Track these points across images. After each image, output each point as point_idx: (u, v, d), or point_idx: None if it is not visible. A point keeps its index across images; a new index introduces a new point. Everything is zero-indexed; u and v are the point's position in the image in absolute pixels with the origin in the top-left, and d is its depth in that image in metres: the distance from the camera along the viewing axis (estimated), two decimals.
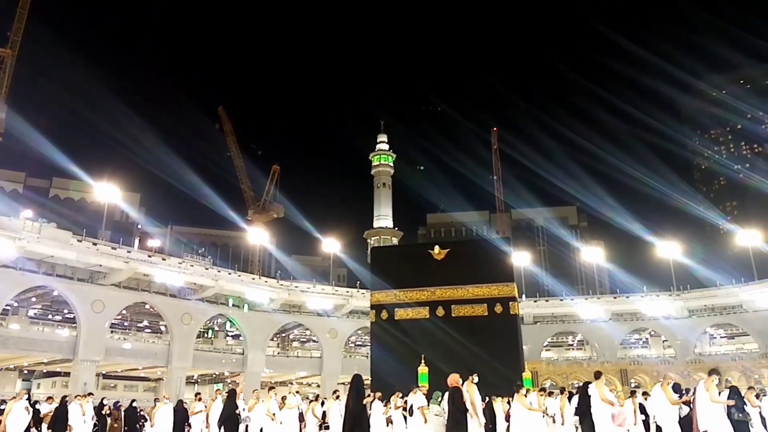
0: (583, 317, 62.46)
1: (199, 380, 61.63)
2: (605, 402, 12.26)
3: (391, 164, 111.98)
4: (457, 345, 22.38)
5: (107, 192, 52.17)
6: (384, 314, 25.02)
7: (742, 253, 62.93)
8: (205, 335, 61.44)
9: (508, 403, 15.65)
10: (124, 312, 50.79)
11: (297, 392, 18.68)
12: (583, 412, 13.09)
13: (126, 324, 56.89)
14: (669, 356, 60.37)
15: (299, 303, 58.62)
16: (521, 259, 62.46)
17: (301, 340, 68.89)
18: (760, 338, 56.29)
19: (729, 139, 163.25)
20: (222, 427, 15.76)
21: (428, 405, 14.21)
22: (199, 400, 19.72)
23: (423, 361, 21.02)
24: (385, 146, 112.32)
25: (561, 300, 65.58)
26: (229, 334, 63.32)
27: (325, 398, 18.74)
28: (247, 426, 16.90)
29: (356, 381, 10.69)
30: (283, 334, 65.11)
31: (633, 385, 51.66)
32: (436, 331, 23.53)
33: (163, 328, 55.38)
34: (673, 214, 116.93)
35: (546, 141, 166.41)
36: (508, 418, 15.31)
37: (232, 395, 16.22)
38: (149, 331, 59.25)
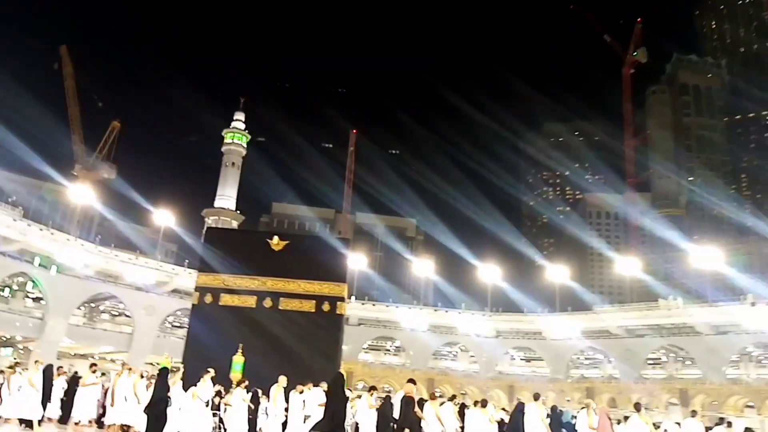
0: (404, 325, 65.25)
1: None
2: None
3: (244, 145, 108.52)
4: (279, 338, 22.10)
5: None
6: (208, 298, 23.97)
7: (549, 287, 69.78)
8: (1, 293, 54.79)
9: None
10: None
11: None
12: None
13: None
14: (473, 371, 65.06)
15: (117, 273, 54.56)
16: (357, 261, 63.72)
17: (113, 312, 64.02)
18: (551, 364, 62.79)
19: (557, 182, 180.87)
20: (149, 412, 14.22)
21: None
22: (94, 371, 17.78)
23: (240, 350, 20.44)
24: (241, 125, 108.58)
25: (387, 306, 67.91)
26: (30, 295, 57.06)
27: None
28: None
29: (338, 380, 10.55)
30: (93, 304, 60.06)
31: (438, 394, 54.67)
32: (260, 321, 23.02)
33: None
34: (499, 243, 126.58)
35: (401, 157, 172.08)
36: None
37: (163, 374, 14.67)
38: None
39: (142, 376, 17.83)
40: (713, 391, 52.32)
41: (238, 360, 20.51)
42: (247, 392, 16.84)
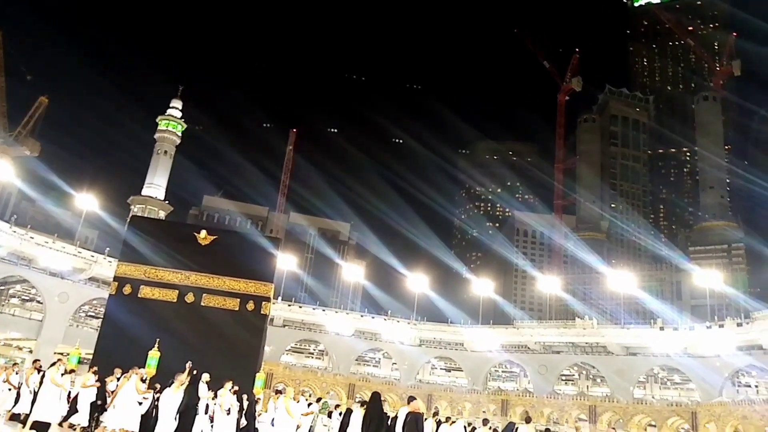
0: (329, 329, 65.03)
1: None
2: None
3: (179, 133, 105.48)
4: (199, 335, 21.54)
5: None
6: (127, 288, 23.08)
7: (474, 299, 71.40)
8: None
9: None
10: None
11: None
12: None
13: None
14: (394, 378, 65.55)
15: (31, 256, 51.74)
16: (286, 262, 63.05)
17: (24, 297, 60.60)
18: (470, 375, 64.13)
19: (488, 200, 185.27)
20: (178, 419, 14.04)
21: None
22: (95, 372, 16.88)
23: (157, 345, 19.80)
24: (177, 113, 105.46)
25: (313, 309, 67.52)
26: None
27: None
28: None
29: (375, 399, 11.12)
30: (2, 287, 56.65)
31: (357, 400, 54.75)
32: (180, 316, 22.38)
33: None
34: (428, 255, 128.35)
35: (338, 164, 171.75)
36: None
37: (194, 381, 14.63)
38: None
39: (39, 370, 17.09)
40: (620, 410, 54.81)
41: (153, 355, 19.86)
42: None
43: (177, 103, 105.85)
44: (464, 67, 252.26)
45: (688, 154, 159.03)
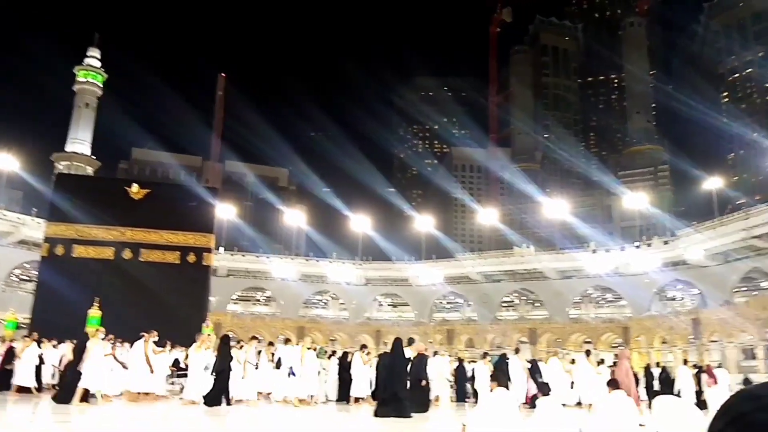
0: (275, 275, 65.12)
1: None
2: None
3: (100, 84, 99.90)
4: (140, 290, 21.24)
5: None
6: (60, 249, 22.38)
7: (417, 236, 72.67)
8: None
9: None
10: None
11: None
12: None
13: None
14: (343, 318, 66.79)
15: None
16: (226, 211, 62.02)
17: None
18: (416, 308, 66.09)
19: (426, 136, 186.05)
20: (216, 379, 13.90)
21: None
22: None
23: (97, 304, 19.41)
24: (96, 62, 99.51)
25: (257, 257, 67.22)
26: None
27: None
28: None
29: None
30: None
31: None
32: (119, 274, 21.96)
33: None
34: (370, 194, 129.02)
35: (272, 106, 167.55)
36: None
37: (226, 342, 14.64)
38: None
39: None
40: (558, 330, 58.00)
41: (94, 314, 19.53)
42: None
43: (95, 52, 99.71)
44: (395, 2, 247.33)
45: (616, 80, 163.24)
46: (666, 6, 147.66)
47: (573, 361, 19.97)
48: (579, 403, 18.25)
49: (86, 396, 13.60)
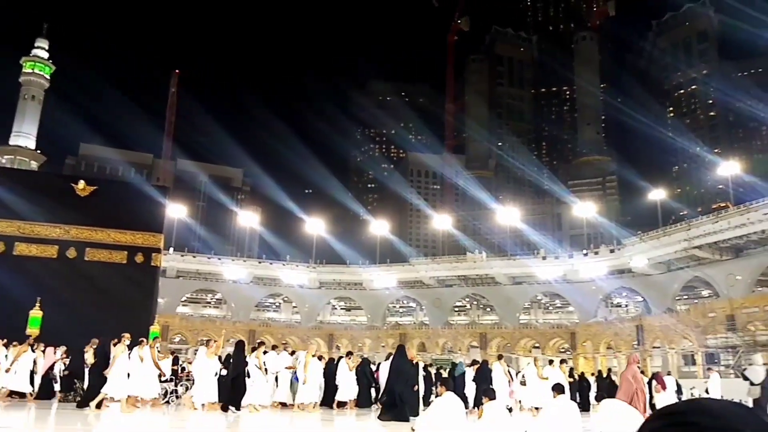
0: (226, 277, 64.13)
1: None
2: None
3: (48, 76, 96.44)
4: (85, 291, 20.54)
5: None
6: (0, 246, 21.47)
7: (371, 240, 72.83)
8: None
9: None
10: None
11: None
12: None
13: None
14: (295, 321, 66.27)
15: None
16: (177, 211, 60.76)
17: None
18: (370, 312, 66.16)
19: (382, 141, 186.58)
20: (232, 386, 13.95)
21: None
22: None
23: (38, 304, 18.72)
24: (44, 54, 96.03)
25: (208, 258, 66.08)
26: None
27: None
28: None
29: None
30: None
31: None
32: (63, 273, 21.18)
33: None
34: (326, 197, 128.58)
35: (230, 106, 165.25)
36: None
37: (240, 346, 14.64)
38: None
39: None
40: (508, 335, 59.03)
41: (35, 315, 18.86)
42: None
43: (43, 43, 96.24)
44: (355, 5, 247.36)
45: (568, 92, 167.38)
46: (617, 22, 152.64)
47: (551, 362, 20.33)
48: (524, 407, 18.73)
49: (101, 402, 13.49)
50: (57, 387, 16.66)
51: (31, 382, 16.04)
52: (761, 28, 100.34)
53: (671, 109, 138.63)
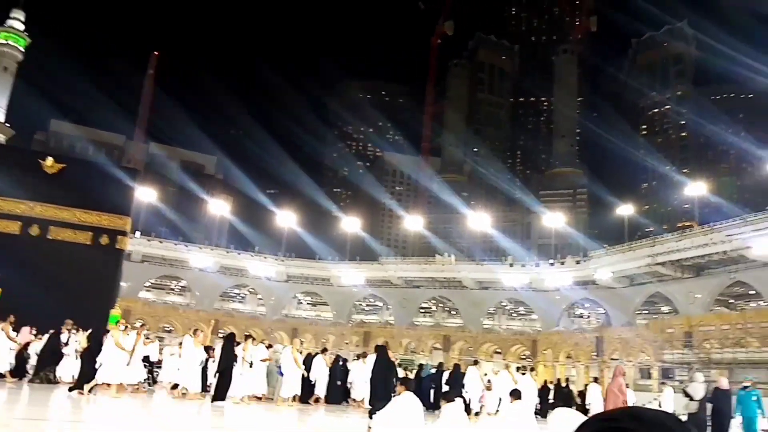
0: (192, 265, 63.36)
1: None
2: None
3: (22, 49, 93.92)
4: (46, 270, 20.15)
5: None
6: None
7: (342, 236, 72.72)
8: None
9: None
10: None
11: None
12: None
13: None
14: (260, 313, 65.82)
15: None
16: (146, 194, 59.76)
17: None
18: (336, 308, 66.07)
19: (359, 138, 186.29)
20: (220, 377, 14.00)
21: None
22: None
23: None
24: (20, 25, 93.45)
25: (175, 244, 65.20)
26: None
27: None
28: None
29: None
30: None
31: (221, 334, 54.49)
32: (25, 250, 20.75)
33: None
34: (298, 191, 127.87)
35: (205, 96, 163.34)
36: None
37: (230, 339, 14.77)
38: None
39: None
40: (471, 339, 59.48)
41: None
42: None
43: (19, 14, 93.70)
44: (334, 3, 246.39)
45: (545, 103, 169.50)
46: (598, 38, 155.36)
47: (523, 369, 20.57)
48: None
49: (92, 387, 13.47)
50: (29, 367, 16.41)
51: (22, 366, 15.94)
52: (735, 56, 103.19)
53: (644, 127, 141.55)
